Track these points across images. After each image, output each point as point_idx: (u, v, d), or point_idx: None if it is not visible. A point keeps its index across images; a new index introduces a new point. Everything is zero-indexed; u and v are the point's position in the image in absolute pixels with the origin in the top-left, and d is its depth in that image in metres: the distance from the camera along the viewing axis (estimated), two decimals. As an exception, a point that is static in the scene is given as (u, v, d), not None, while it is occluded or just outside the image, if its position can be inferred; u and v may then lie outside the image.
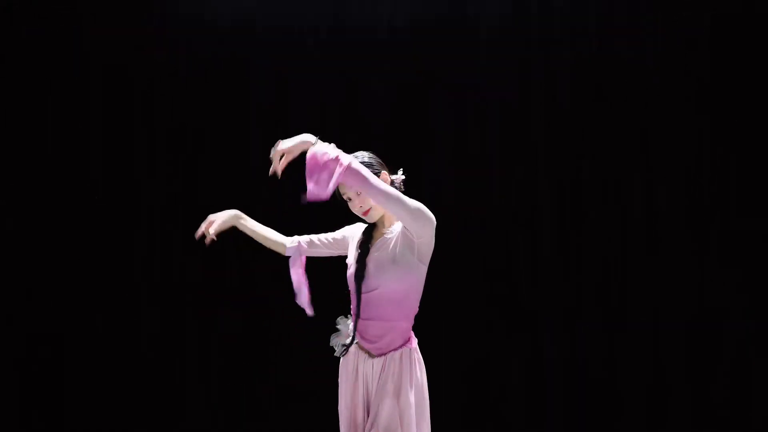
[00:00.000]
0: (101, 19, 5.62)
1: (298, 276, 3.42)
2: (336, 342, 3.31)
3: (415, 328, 3.30)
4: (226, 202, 5.58)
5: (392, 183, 3.28)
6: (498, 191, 5.51)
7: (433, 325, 5.25)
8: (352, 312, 3.26)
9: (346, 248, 3.41)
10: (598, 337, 5.44)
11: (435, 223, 3.17)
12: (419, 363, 3.23)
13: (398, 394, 3.12)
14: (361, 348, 3.22)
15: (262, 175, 5.51)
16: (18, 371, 5.61)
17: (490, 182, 5.52)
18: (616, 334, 5.43)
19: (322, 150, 2.94)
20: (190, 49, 5.63)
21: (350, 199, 3.23)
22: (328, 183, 2.90)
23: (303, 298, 3.40)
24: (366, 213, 3.22)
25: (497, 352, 5.49)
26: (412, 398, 3.12)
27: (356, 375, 3.20)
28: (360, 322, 3.20)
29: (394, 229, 3.24)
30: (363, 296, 3.17)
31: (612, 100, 5.48)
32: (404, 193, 3.23)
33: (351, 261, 3.28)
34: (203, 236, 3.42)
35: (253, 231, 3.50)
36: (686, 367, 5.39)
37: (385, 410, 3.08)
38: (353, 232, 3.42)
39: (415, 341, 3.27)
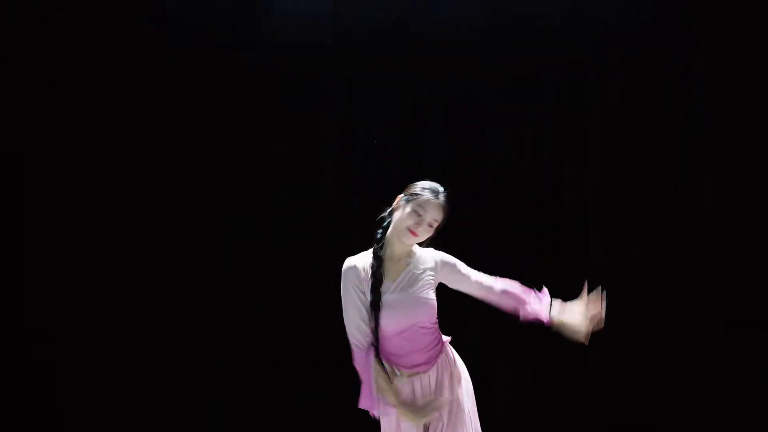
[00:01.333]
0: (101, 19, 5.61)
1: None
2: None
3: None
4: (227, 202, 5.65)
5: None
6: (547, 193, 5.54)
7: (480, 327, 5.35)
8: (388, 354, 3.11)
9: None
10: (645, 340, 5.43)
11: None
12: (455, 353, 3.26)
13: (454, 389, 3.16)
14: (414, 374, 3.13)
15: (264, 174, 5.60)
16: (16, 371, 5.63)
17: (537, 185, 5.54)
18: (664, 336, 5.42)
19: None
20: (191, 49, 5.62)
21: (419, 224, 3.07)
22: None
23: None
24: (415, 236, 3.09)
25: (543, 357, 5.47)
26: (464, 387, 3.18)
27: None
28: (404, 358, 3.11)
29: (419, 264, 3.14)
30: (402, 335, 3.07)
31: (658, 103, 5.49)
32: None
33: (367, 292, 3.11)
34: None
35: None
36: (731, 369, 5.36)
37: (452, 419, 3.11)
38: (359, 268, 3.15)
39: (442, 336, 3.26)
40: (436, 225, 3.12)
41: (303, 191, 5.57)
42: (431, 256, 3.21)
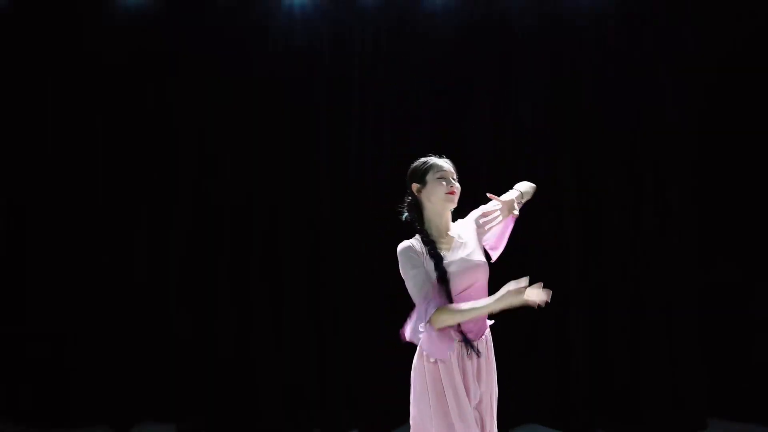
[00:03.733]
0: (101, 19, 5.62)
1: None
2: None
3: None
4: (228, 201, 5.66)
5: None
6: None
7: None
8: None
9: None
10: (621, 327, 5.53)
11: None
12: None
13: (493, 372, 3.36)
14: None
15: (266, 173, 5.61)
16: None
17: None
18: (639, 325, 5.51)
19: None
20: (191, 49, 5.63)
21: (451, 184, 3.32)
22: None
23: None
24: (455, 194, 3.34)
25: (523, 344, 5.55)
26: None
27: (463, 370, 3.26)
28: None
29: (460, 232, 3.37)
30: (463, 294, 3.25)
31: (629, 106, 5.57)
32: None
33: (430, 270, 3.27)
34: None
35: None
36: (700, 353, 5.50)
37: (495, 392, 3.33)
38: (416, 247, 3.33)
39: None
40: (457, 177, 3.39)
41: (302, 191, 5.59)
42: (464, 223, 3.45)
